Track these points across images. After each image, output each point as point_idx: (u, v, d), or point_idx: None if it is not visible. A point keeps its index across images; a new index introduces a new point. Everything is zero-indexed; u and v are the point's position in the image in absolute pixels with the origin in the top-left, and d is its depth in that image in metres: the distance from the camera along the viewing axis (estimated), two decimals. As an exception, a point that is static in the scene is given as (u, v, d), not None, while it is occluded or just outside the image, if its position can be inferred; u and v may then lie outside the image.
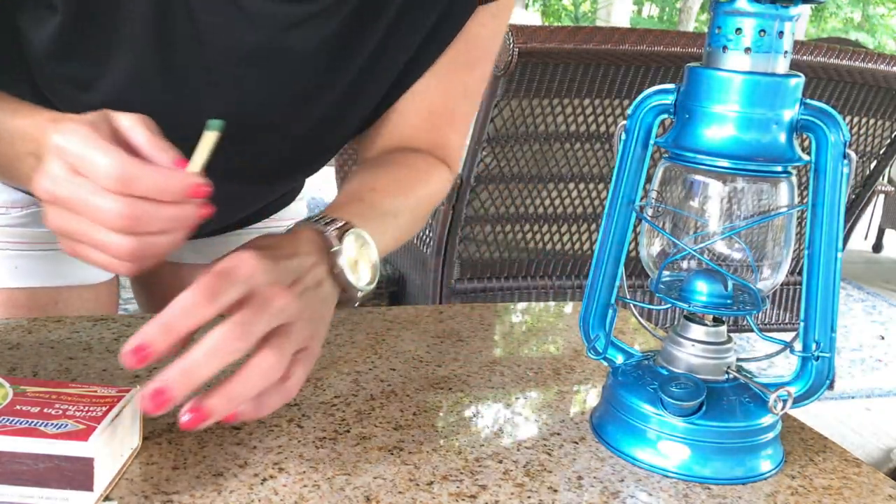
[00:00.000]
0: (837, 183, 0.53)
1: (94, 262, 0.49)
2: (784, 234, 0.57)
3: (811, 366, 0.56)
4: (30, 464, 0.43)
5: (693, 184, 0.56)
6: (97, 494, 0.44)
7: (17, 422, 0.44)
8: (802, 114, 0.52)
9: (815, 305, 0.55)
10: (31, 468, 0.43)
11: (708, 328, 0.57)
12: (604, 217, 0.59)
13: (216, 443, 0.53)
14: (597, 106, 1.55)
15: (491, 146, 1.54)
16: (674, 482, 0.54)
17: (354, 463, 0.52)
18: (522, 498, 0.50)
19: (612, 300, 0.60)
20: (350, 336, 0.72)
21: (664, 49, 1.43)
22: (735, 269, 0.57)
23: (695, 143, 0.53)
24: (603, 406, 0.59)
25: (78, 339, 0.67)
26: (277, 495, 0.48)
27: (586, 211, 1.72)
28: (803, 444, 0.60)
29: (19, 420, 0.44)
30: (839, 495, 0.54)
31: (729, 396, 0.55)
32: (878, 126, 1.77)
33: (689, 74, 0.54)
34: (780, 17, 0.51)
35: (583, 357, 0.73)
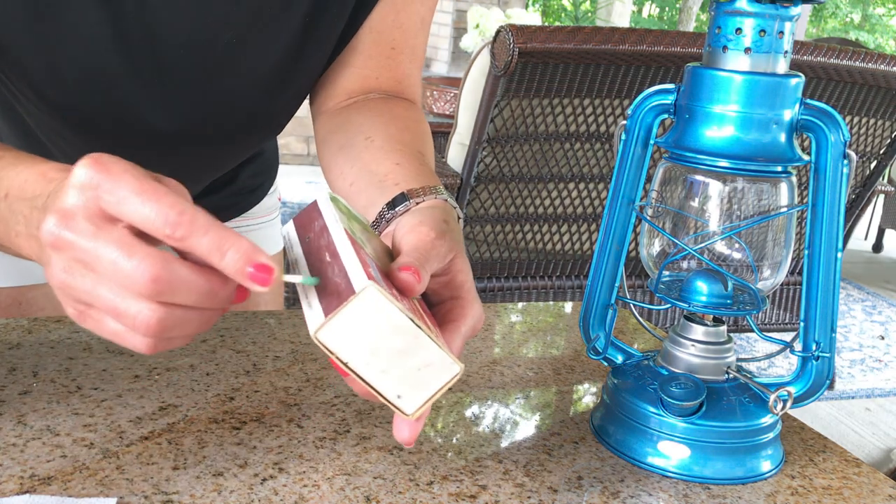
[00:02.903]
0: (837, 183, 0.53)
1: (106, 332, 0.43)
2: (784, 234, 0.57)
3: (811, 366, 0.56)
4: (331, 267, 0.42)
5: (693, 184, 0.56)
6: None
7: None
8: (802, 114, 0.52)
9: (815, 305, 0.55)
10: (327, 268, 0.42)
11: (708, 328, 0.57)
12: (604, 217, 0.59)
13: (216, 443, 0.53)
14: (597, 106, 1.55)
15: (491, 146, 1.54)
16: (674, 482, 0.54)
17: (354, 463, 0.52)
18: (522, 498, 0.50)
19: (612, 300, 0.60)
20: (350, 336, 0.72)
21: (664, 49, 1.43)
22: (735, 269, 0.57)
23: (695, 144, 0.53)
24: (603, 406, 0.59)
25: (78, 339, 0.67)
26: (277, 495, 0.48)
27: (586, 211, 1.72)
28: (803, 444, 0.60)
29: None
30: (839, 495, 0.54)
31: (729, 396, 0.55)
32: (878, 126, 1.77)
33: (690, 74, 0.54)
34: (780, 17, 0.51)
35: (583, 357, 0.73)
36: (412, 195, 0.57)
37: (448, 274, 0.48)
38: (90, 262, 0.40)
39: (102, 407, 0.57)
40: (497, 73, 1.41)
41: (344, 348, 0.40)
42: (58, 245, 0.40)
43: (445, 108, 2.99)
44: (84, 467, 0.49)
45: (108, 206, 0.40)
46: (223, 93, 0.70)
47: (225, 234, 0.40)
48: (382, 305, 0.40)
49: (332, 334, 0.40)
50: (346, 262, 0.42)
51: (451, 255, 0.48)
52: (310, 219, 0.49)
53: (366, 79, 0.75)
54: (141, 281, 0.39)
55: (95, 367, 0.62)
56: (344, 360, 0.41)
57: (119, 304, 0.40)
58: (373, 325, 0.40)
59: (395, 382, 0.41)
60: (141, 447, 0.52)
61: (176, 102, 0.69)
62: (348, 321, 0.40)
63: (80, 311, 0.42)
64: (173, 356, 0.65)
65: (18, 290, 0.83)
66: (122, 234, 0.40)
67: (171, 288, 0.40)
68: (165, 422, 0.55)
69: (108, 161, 0.40)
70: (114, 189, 0.39)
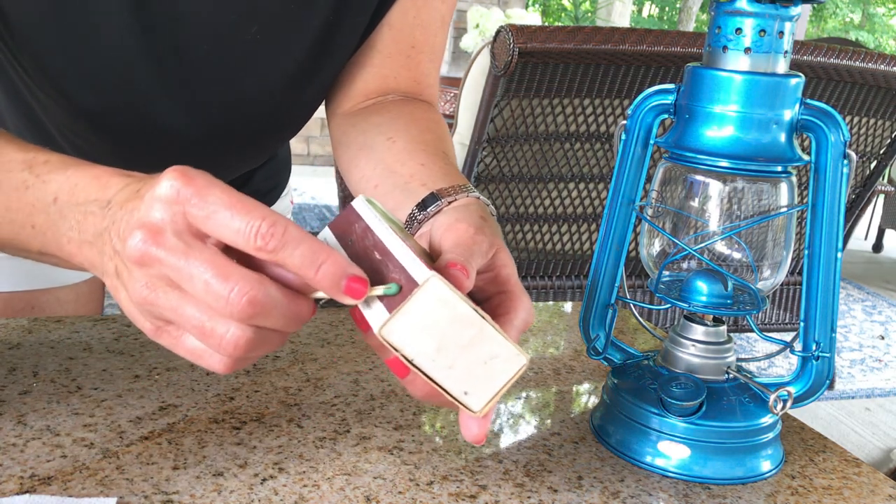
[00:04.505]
0: (837, 183, 0.53)
1: (183, 350, 0.41)
2: (784, 234, 0.57)
3: (811, 366, 0.56)
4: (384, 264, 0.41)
5: (693, 184, 0.56)
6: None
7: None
8: (802, 114, 0.52)
9: (815, 305, 0.55)
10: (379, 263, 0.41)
11: (708, 328, 0.57)
12: (604, 217, 0.59)
13: (216, 443, 0.53)
14: (597, 106, 1.55)
15: (491, 146, 1.54)
16: (674, 482, 0.54)
17: (354, 463, 0.52)
18: (522, 498, 0.50)
19: (612, 300, 0.60)
20: (350, 336, 0.72)
21: (664, 49, 1.43)
22: (735, 269, 0.57)
23: (695, 143, 0.53)
24: (603, 406, 0.59)
25: (78, 339, 0.67)
26: (277, 495, 0.48)
27: (586, 211, 1.72)
28: (803, 444, 0.60)
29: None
30: (839, 495, 0.54)
31: (729, 396, 0.55)
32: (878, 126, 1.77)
33: (690, 74, 0.54)
34: (780, 17, 0.51)
35: (583, 357, 0.73)
36: (443, 194, 0.55)
37: (492, 269, 0.47)
38: (180, 280, 0.39)
39: (102, 407, 0.57)
40: (497, 73, 1.41)
41: (410, 345, 0.40)
42: (144, 261, 0.39)
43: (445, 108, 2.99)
44: (84, 467, 0.49)
45: (197, 221, 0.39)
46: (245, 91, 0.70)
47: (318, 247, 0.39)
48: (447, 297, 0.39)
49: (398, 331, 0.39)
50: (401, 257, 0.41)
51: (493, 251, 0.47)
52: (348, 222, 0.47)
53: (384, 78, 0.73)
54: (237, 303, 0.38)
55: (95, 367, 0.62)
56: (409, 357, 0.40)
57: (206, 324, 0.39)
58: (438, 318, 0.39)
59: (462, 378, 0.40)
60: (141, 447, 0.52)
61: (197, 100, 0.68)
62: (413, 315, 0.39)
63: (158, 327, 0.41)
64: (173, 356, 0.65)
65: (32, 294, 0.83)
66: (215, 254, 0.39)
67: (266, 311, 0.39)
68: (165, 422, 0.55)
69: (194, 174, 0.39)
70: (202, 203, 0.38)
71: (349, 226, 0.47)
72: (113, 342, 0.67)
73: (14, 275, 0.81)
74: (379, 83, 0.73)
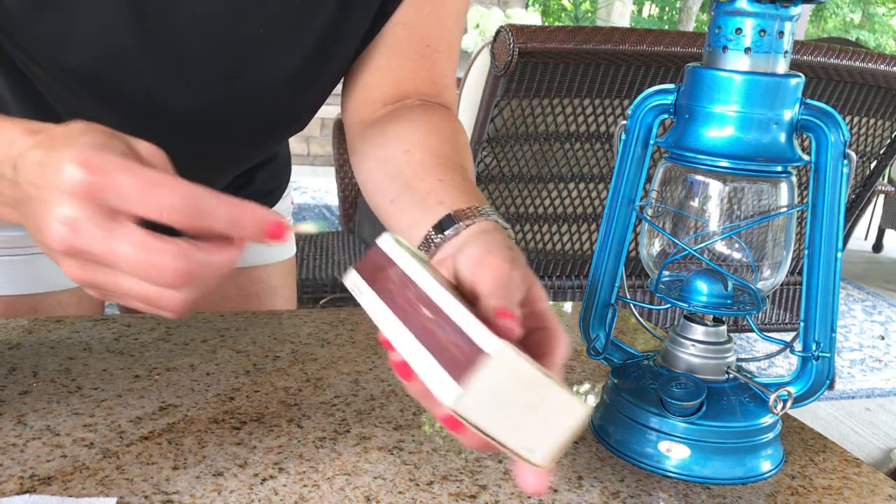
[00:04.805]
0: (837, 183, 0.53)
1: (131, 305, 0.43)
2: (784, 234, 0.57)
3: (811, 366, 0.56)
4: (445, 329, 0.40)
5: (693, 184, 0.56)
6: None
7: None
8: (802, 114, 0.52)
9: (815, 305, 0.55)
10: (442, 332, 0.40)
11: (708, 328, 0.56)
12: (604, 217, 0.59)
13: (216, 443, 0.53)
14: (597, 106, 1.55)
15: (491, 146, 1.54)
16: (674, 482, 0.54)
17: (354, 463, 0.52)
18: (522, 498, 0.50)
19: (612, 300, 0.60)
20: (350, 336, 0.72)
21: (664, 49, 1.43)
22: (735, 269, 0.57)
23: (695, 143, 0.53)
24: (603, 406, 0.59)
25: (78, 339, 0.67)
26: (277, 495, 0.48)
27: (586, 211, 1.72)
28: (803, 444, 0.60)
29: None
30: (839, 495, 0.54)
31: (729, 396, 0.55)
32: (878, 126, 1.77)
33: (690, 74, 0.54)
34: (780, 17, 0.51)
35: (583, 357, 0.73)
36: (459, 217, 0.54)
37: (528, 305, 0.45)
38: (109, 261, 0.40)
39: (102, 407, 0.57)
40: (497, 73, 1.41)
41: (480, 415, 0.38)
42: (72, 253, 0.40)
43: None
44: (84, 467, 0.49)
45: (111, 204, 0.39)
46: (247, 84, 0.69)
47: (234, 206, 0.41)
48: (517, 364, 0.38)
49: (471, 403, 0.38)
50: (458, 318, 0.40)
51: (526, 285, 0.45)
52: (377, 266, 0.46)
53: (401, 81, 0.72)
54: (167, 278, 0.39)
55: (95, 367, 0.62)
56: (481, 427, 0.38)
57: (148, 292, 0.41)
58: (507, 386, 0.38)
59: (526, 436, 0.39)
60: (141, 447, 0.52)
61: (195, 87, 0.68)
62: (485, 386, 0.38)
63: (103, 294, 0.43)
64: (173, 356, 0.65)
65: (34, 298, 0.82)
66: (134, 232, 0.39)
67: (196, 275, 0.40)
68: (165, 422, 0.55)
69: (95, 159, 0.39)
70: (114, 190, 0.39)
71: (381, 270, 0.45)
72: (113, 342, 0.67)
73: (16, 278, 0.81)
74: (396, 86, 0.72)
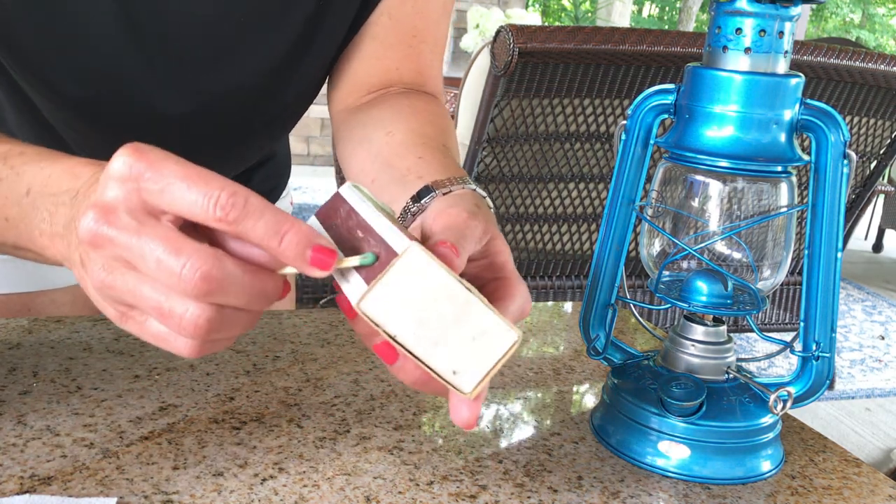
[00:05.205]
0: (837, 183, 0.53)
1: (149, 335, 0.40)
2: (784, 234, 0.57)
3: (811, 366, 0.56)
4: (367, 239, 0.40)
5: (693, 184, 0.56)
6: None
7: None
8: (802, 114, 0.52)
9: (815, 305, 0.55)
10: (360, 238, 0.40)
11: (708, 328, 0.57)
12: (604, 217, 0.59)
13: (216, 443, 0.53)
14: (597, 106, 1.55)
15: (491, 146, 1.54)
16: (674, 482, 0.54)
17: (354, 463, 0.52)
18: (522, 498, 0.50)
19: (612, 300, 0.60)
20: (350, 336, 0.72)
21: (664, 49, 1.43)
22: (735, 269, 0.57)
23: (695, 143, 0.53)
24: (603, 406, 0.59)
25: (78, 339, 0.67)
26: (277, 495, 0.48)
27: (586, 211, 1.72)
28: (803, 444, 0.60)
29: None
30: (839, 495, 0.54)
31: (729, 396, 0.55)
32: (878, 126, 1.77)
33: (690, 74, 0.54)
34: (780, 17, 0.51)
35: (583, 357, 0.73)
36: (438, 186, 0.53)
37: (487, 256, 0.46)
38: (133, 259, 0.37)
39: (102, 407, 0.57)
40: (497, 73, 1.41)
41: (390, 319, 0.37)
42: (97, 242, 0.37)
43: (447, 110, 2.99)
44: (84, 467, 0.49)
45: (152, 197, 0.37)
46: (234, 76, 0.69)
47: (281, 217, 0.37)
48: (428, 266, 0.37)
49: (377, 303, 0.37)
50: (382, 230, 0.40)
51: (487, 237, 0.45)
52: (333, 208, 0.46)
53: (386, 70, 0.72)
54: (190, 279, 0.36)
55: (95, 367, 0.62)
56: (391, 332, 0.38)
57: (164, 304, 0.37)
58: (419, 290, 0.37)
59: (449, 356, 0.38)
60: (141, 447, 0.52)
61: (184, 86, 0.68)
62: (393, 286, 0.37)
63: (122, 313, 0.40)
64: (173, 356, 0.65)
65: (28, 297, 0.82)
66: (168, 230, 0.37)
67: (222, 287, 0.37)
68: (165, 422, 0.55)
69: (146, 149, 0.38)
70: (157, 177, 0.37)
71: (335, 211, 0.46)
72: (113, 342, 0.67)
73: (10, 277, 0.81)
74: (381, 76, 0.72)
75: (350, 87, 0.74)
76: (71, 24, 0.62)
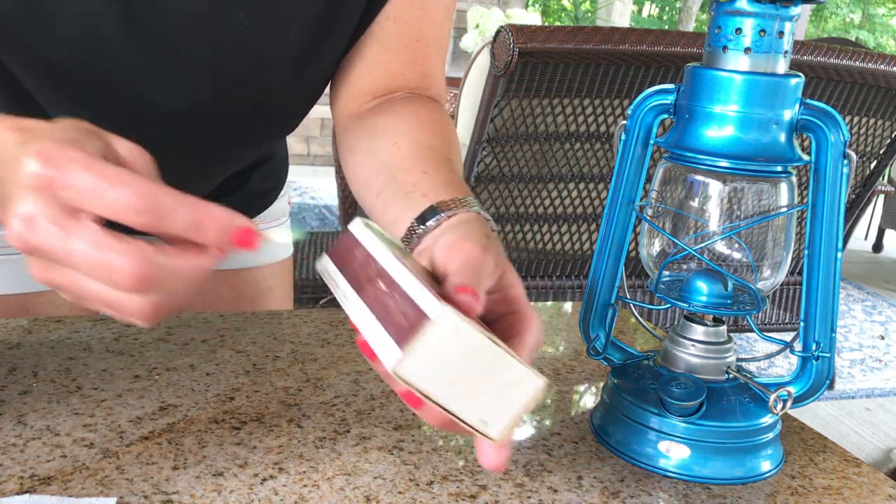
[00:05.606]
0: (837, 183, 0.53)
1: (104, 311, 0.42)
2: (784, 234, 0.57)
3: (811, 366, 0.56)
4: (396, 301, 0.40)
5: (693, 184, 0.56)
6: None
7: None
8: (802, 114, 0.52)
9: (815, 305, 0.55)
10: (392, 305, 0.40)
11: (708, 328, 0.57)
12: (604, 217, 0.59)
13: (216, 443, 0.53)
14: (597, 106, 1.55)
15: (491, 146, 1.54)
16: (674, 482, 0.54)
17: (354, 463, 0.52)
18: (522, 498, 0.50)
19: (612, 300, 0.60)
20: (350, 336, 0.72)
21: (664, 49, 1.43)
22: (735, 269, 0.57)
23: (695, 143, 0.53)
24: (603, 406, 0.59)
25: (78, 339, 0.67)
26: (277, 495, 0.48)
27: (586, 211, 1.72)
28: (803, 444, 0.60)
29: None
30: (839, 495, 0.54)
31: (729, 396, 0.55)
32: (878, 126, 1.77)
33: (689, 74, 0.54)
34: (780, 17, 0.51)
35: (583, 357, 0.73)
36: (442, 208, 0.54)
37: (501, 290, 0.46)
38: (69, 262, 0.38)
39: (102, 407, 0.57)
40: (497, 73, 1.41)
41: (425, 380, 0.38)
42: (27, 250, 0.38)
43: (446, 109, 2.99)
44: (84, 467, 0.49)
45: (68, 201, 0.38)
46: (233, 77, 0.69)
47: (196, 209, 0.38)
48: (461, 329, 0.38)
49: (413, 367, 0.38)
50: (408, 288, 0.40)
51: (499, 271, 0.46)
52: (347, 250, 0.46)
53: (391, 75, 0.72)
54: (126, 281, 0.37)
55: (95, 367, 0.62)
56: (425, 392, 0.39)
57: (108, 296, 0.39)
58: (452, 351, 0.38)
59: (479, 407, 0.39)
60: (141, 447, 0.52)
61: (184, 84, 0.67)
62: (427, 351, 0.38)
63: (75, 298, 0.41)
64: (173, 356, 0.65)
65: (25, 297, 0.82)
66: (92, 232, 0.38)
67: (157, 280, 0.38)
68: (165, 422, 0.55)
69: (54, 153, 0.38)
70: (68, 184, 0.37)
71: (349, 253, 0.46)
72: (113, 342, 0.67)
73: (8, 277, 0.81)
74: (386, 81, 0.72)
75: (354, 91, 0.74)
76: (70, 24, 0.62)
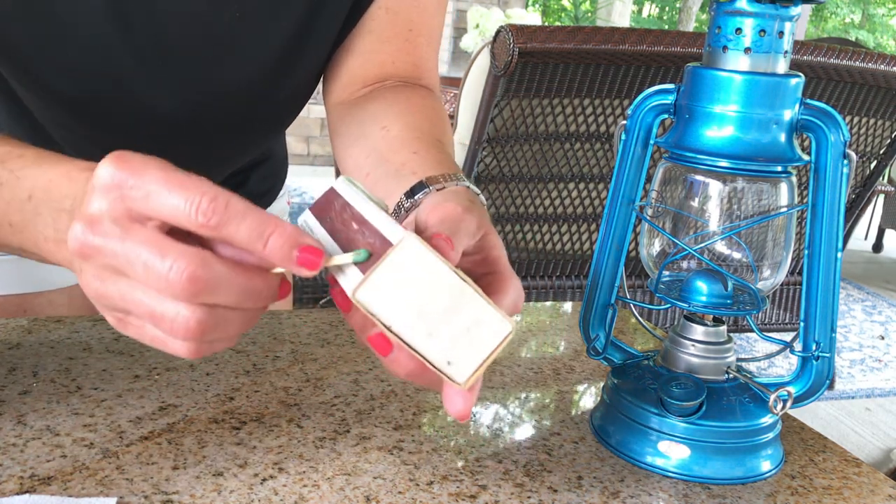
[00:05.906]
0: (837, 183, 0.53)
1: (147, 339, 0.40)
2: (784, 234, 0.57)
3: (811, 366, 0.56)
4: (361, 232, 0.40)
5: (693, 184, 0.56)
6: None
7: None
8: (802, 114, 0.52)
9: (815, 305, 0.55)
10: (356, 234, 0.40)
11: (708, 328, 0.57)
12: (604, 217, 0.59)
13: (216, 443, 0.53)
14: (597, 106, 1.55)
15: (491, 146, 1.54)
16: (674, 482, 0.54)
17: (354, 463, 0.52)
18: (522, 498, 0.50)
19: (612, 300, 0.60)
20: (350, 336, 0.72)
21: (664, 49, 1.43)
22: (735, 269, 0.57)
23: (695, 143, 0.53)
24: (603, 406, 0.59)
25: (78, 339, 0.67)
26: (277, 495, 0.48)
27: (586, 211, 1.72)
28: (803, 444, 0.60)
29: None
30: (839, 495, 0.54)
31: (729, 396, 0.55)
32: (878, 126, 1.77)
33: (689, 74, 0.54)
34: (780, 17, 0.51)
35: (583, 357, 0.73)
36: (431, 182, 0.53)
37: (481, 252, 0.46)
38: (121, 266, 0.38)
39: (102, 407, 0.57)
40: (497, 73, 1.41)
41: (385, 309, 0.37)
42: (85, 253, 0.38)
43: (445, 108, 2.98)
44: (84, 467, 0.49)
45: (135, 204, 0.37)
46: (227, 73, 0.69)
47: (265, 219, 0.38)
48: (424, 256, 0.37)
49: (373, 292, 0.37)
50: (377, 222, 0.40)
51: (481, 232, 0.45)
52: (328, 202, 0.46)
53: (382, 64, 0.72)
54: (177, 281, 0.36)
55: (95, 367, 0.62)
56: (386, 322, 0.38)
57: (156, 308, 0.38)
58: (415, 280, 0.37)
59: (444, 346, 0.38)
60: (141, 447, 0.52)
61: (178, 82, 0.67)
62: (388, 276, 0.37)
63: (119, 319, 0.40)
64: (173, 356, 0.65)
65: (23, 298, 0.82)
66: (152, 234, 0.37)
67: (210, 287, 0.37)
68: (165, 422, 0.55)
69: (129, 157, 0.38)
70: (139, 184, 0.37)
71: (329, 205, 0.46)
72: (113, 342, 0.67)
73: (6, 278, 0.81)
74: (377, 69, 0.72)
75: (346, 80, 0.74)
76: (62, 24, 0.61)
